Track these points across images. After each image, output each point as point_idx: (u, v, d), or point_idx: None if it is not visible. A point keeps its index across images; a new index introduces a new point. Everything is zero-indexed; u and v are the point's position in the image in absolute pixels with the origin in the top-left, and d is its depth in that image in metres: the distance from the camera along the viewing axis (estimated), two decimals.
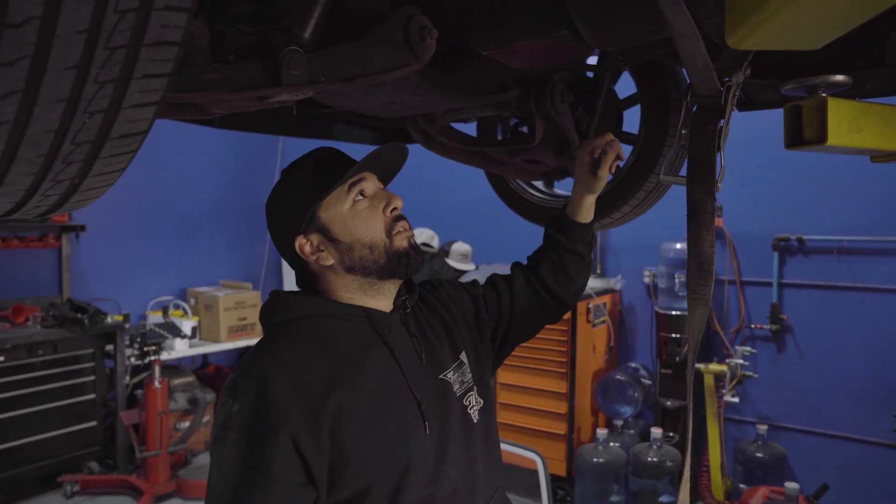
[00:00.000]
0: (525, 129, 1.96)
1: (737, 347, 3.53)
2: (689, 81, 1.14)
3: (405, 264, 1.06)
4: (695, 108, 1.17)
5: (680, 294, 3.70)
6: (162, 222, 4.89)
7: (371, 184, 1.08)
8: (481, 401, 1.14)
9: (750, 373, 3.49)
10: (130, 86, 0.58)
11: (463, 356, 1.16)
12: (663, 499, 3.41)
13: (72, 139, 0.59)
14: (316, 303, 1.06)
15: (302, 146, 5.54)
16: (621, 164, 1.42)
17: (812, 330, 3.52)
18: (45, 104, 0.54)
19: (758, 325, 3.64)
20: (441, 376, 1.09)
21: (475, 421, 1.11)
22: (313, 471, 0.92)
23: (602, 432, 3.46)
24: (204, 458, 4.28)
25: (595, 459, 3.42)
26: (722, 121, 1.12)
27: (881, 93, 1.36)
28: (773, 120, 1.26)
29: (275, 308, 1.07)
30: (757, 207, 3.61)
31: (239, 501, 0.90)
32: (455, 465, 1.04)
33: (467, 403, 1.11)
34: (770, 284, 3.59)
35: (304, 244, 1.05)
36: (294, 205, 1.05)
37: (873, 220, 3.33)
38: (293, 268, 1.12)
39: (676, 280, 3.71)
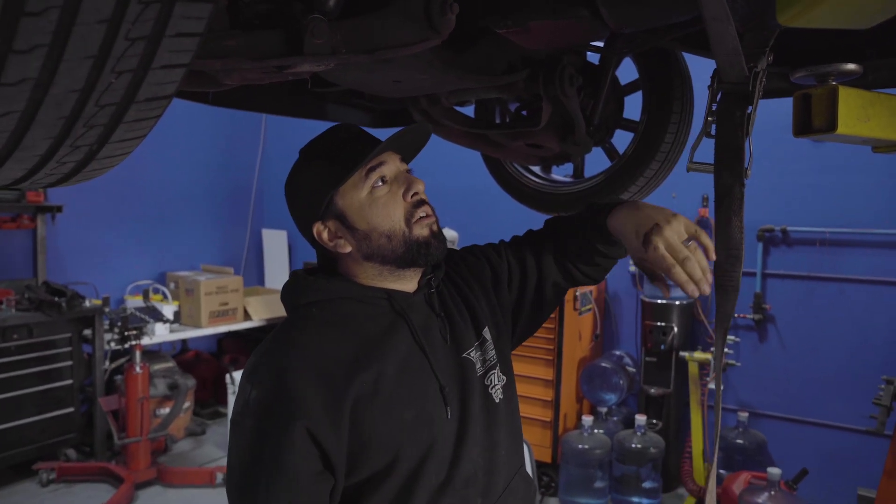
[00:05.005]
0: (525, 113, 1.94)
1: None
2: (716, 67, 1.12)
3: (425, 254, 1.03)
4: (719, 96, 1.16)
5: (666, 282, 3.72)
6: (141, 204, 4.77)
7: (391, 166, 1.03)
8: (504, 378, 1.13)
9: (732, 361, 3.54)
10: (162, 44, 0.54)
11: (486, 332, 1.14)
12: (646, 484, 3.45)
13: (96, 100, 0.55)
14: (336, 285, 1.04)
15: (285, 129, 5.47)
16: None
17: (794, 319, 3.58)
18: (71, 60, 0.50)
19: (741, 315, 3.68)
20: (464, 355, 1.08)
21: (497, 401, 1.10)
22: (331, 458, 0.92)
23: (588, 419, 3.48)
24: (183, 445, 4.22)
25: (580, 446, 3.44)
26: (750, 107, 1.12)
27: (890, 83, 1.36)
28: (760, 111, 1.24)
29: (295, 290, 1.05)
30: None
31: (252, 490, 0.90)
32: (476, 448, 1.04)
33: (489, 383, 1.10)
34: (754, 275, 3.64)
35: (322, 231, 1.03)
36: (311, 190, 1.02)
37: (856, 212, 3.38)
38: (313, 247, 1.09)
39: None
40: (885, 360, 3.29)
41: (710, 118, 1.18)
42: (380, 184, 1.01)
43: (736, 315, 3.71)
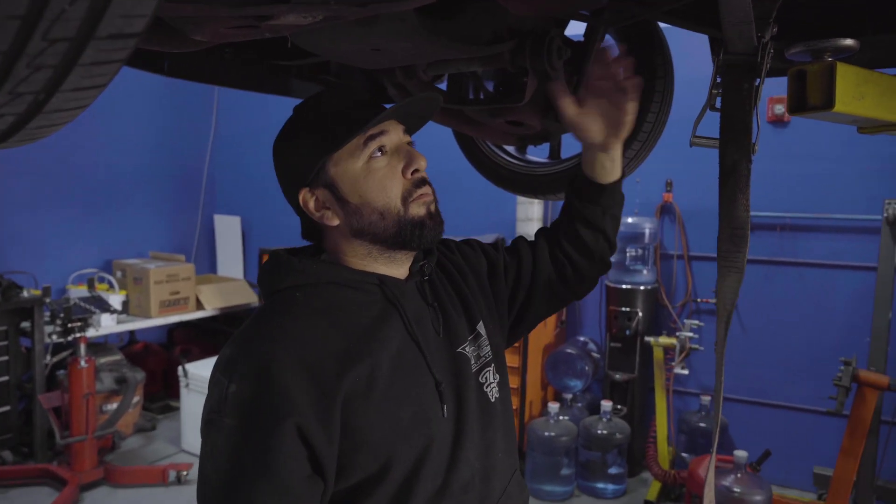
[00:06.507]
0: (502, 89, 1.85)
1: (684, 321, 3.59)
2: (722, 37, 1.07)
3: (418, 236, 0.93)
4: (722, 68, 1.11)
5: (631, 268, 3.72)
6: (83, 188, 4.48)
7: (393, 136, 0.94)
8: (498, 376, 1.05)
9: (696, 346, 3.57)
10: None
11: (480, 327, 1.05)
12: (612, 470, 3.46)
13: (44, 33, 0.44)
14: (324, 268, 0.93)
15: (238, 110, 5.22)
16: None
17: (754, 303, 3.63)
18: None
19: (703, 300, 3.72)
20: (458, 350, 0.99)
21: (492, 399, 1.02)
22: (322, 461, 0.82)
23: (553, 406, 3.46)
24: (132, 442, 4.02)
25: (546, 434, 3.41)
26: (757, 80, 1.07)
27: (888, 62, 1.34)
28: None
29: (276, 272, 0.94)
30: (706, 183, 3.65)
31: (237, 498, 0.79)
32: (473, 450, 0.95)
33: (484, 380, 1.01)
34: (716, 259, 3.66)
35: (309, 199, 0.93)
36: (301, 152, 0.92)
37: (814, 198, 3.44)
38: (298, 215, 0.99)
39: (627, 254, 3.73)
40: (842, 341, 3.37)
41: (714, 91, 1.12)
42: (378, 154, 0.92)
43: (698, 300, 3.75)
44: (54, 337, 3.54)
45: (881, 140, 3.02)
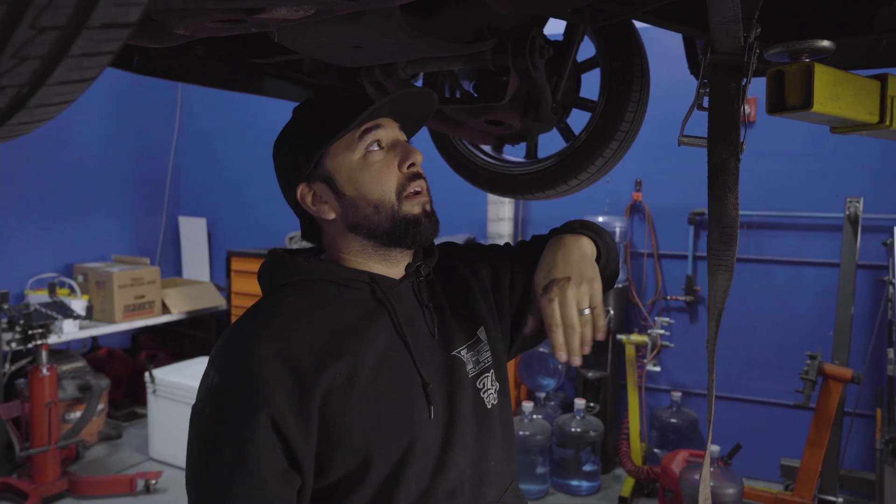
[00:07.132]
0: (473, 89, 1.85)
1: (655, 318, 3.64)
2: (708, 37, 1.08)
3: (412, 234, 0.93)
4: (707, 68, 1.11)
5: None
6: (39, 188, 4.31)
7: (389, 132, 0.95)
8: (497, 384, 1.04)
9: (667, 343, 3.63)
10: None
11: (481, 332, 1.03)
12: (586, 467, 3.49)
13: (32, 20, 0.40)
14: (316, 265, 0.93)
15: (202, 110, 5.11)
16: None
17: None
18: None
19: (673, 297, 3.77)
20: (453, 353, 0.98)
21: (489, 406, 1.00)
22: (297, 454, 0.82)
23: (528, 405, 3.47)
24: (97, 451, 3.89)
25: (521, 433, 3.42)
26: (744, 79, 1.08)
27: (862, 63, 1.37)
28: (690, 98, 1.22)
29: (271, 269, 0.95)
30: (675, 182, 3.72)
31: (209, 487, 0.80)
32: (463, 455, 0.94)
33: (481, 386, 1.00)
34: (685, 257, 3.73)
35: (307, 193, 0.93)
36: (299, 147, 0.93)
37: (779, 196, 3.52)
38: (298, 216, 0.99)
39: None
40: (807, 336, 3.46)
41: (702, 90, 1.13)
42: (375, 148, 0.93)
43: (668, 297, 3.80)
44: (13, 344, 3.40)
45: (844, 140, 3.11)
